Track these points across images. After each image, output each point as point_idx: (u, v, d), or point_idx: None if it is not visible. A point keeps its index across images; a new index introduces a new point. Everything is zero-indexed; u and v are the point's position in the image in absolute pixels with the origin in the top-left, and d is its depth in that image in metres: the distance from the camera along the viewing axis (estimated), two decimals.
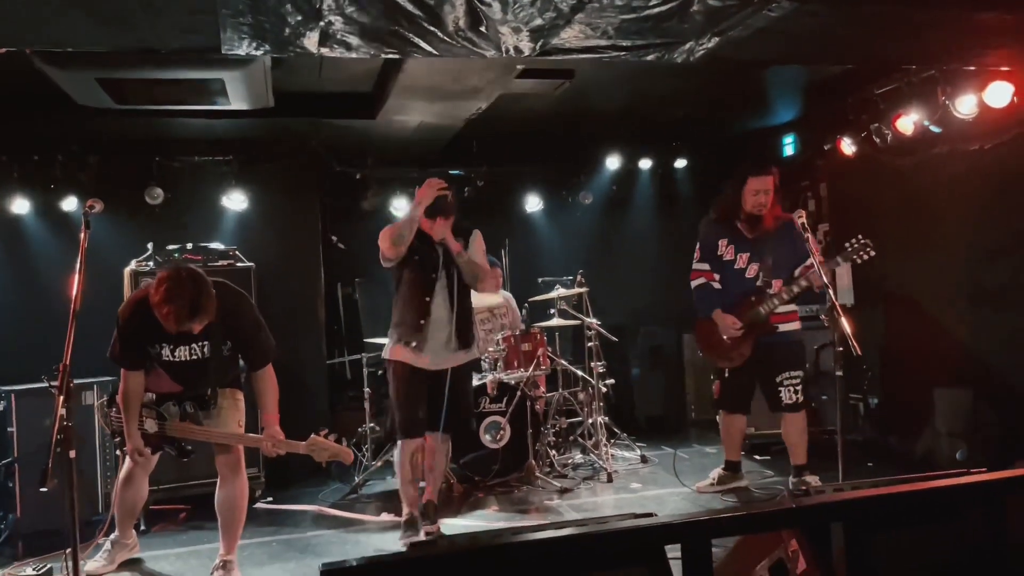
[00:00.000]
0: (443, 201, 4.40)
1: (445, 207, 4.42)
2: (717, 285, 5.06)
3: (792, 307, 4.97)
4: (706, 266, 5.11)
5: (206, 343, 3.87)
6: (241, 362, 4.13)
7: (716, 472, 5.30)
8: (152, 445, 3.96)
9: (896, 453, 5.94)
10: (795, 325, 5.02)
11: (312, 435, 3.90)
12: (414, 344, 4.40)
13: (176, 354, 3.87)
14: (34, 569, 4.12)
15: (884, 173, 6.10)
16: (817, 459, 4.97)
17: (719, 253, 5.05)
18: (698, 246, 5.18)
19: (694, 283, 5.14)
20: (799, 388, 4.90)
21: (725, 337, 4.97)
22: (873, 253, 4.60)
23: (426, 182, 4.37)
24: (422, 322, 4.40)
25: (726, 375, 5.09)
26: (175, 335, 3.77)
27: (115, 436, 4.11)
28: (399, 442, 4.49)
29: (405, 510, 4.53)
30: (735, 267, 5.00)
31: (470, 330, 4.60)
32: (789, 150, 7.12)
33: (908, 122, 5.45)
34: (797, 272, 4.83)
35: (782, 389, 4.89)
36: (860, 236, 4.63)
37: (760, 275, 4.93)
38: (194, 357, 3.88)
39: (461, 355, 4.54)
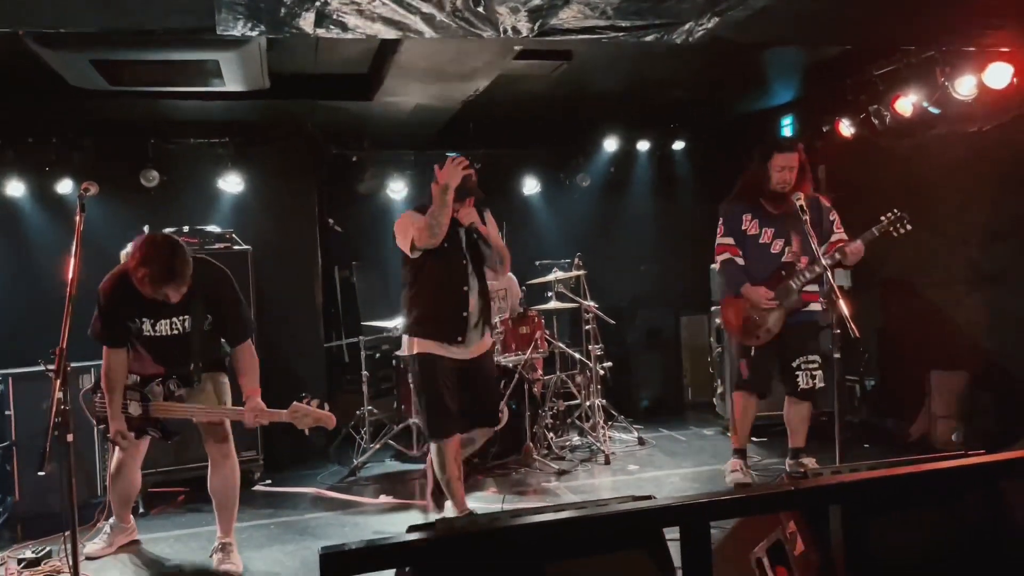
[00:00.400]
0: (469, 181, 4.04)
1: (473, 188, 4.09)
2: (741, 261, 4.86)
3: (814, 287, 4.79)
4: (731, 240, 4.89)
5: (187, 317, 3.85)
6: (225, 347, 4.11)
7: (738, 465, 5.02)
8: (136, 428, 3.93)
9: (892, 435, 5.97)
10: (818, 305, 4.83)
11: (294, 402, 3.86)
12: (460, 339, 4.07)
13: (157, 328, 3.86)
14: (33, 552, 4.13)
15: (883, 155, 6.09)
16: (814, 441, 4.98)
17: (743, 228, 4.85)
18: (721, 221, 4.97)
19: (720, 258, 4.94)
20: (816, 373, 4.75)
21: (755, 313, 4.74)
22: (910, 227, 4.44)
23: (448, 161, 3.93)
24: (464, 314, 4.08)
25: (752, 353, 4.86)
26: (156, 309, 3.79)
27: (99, 423, 4.07)
28: (440, 443, 4.14)
29: (456, 510, 4.30)
30: (760, 242, 4.83)
31: (491, 313, 4.43)
32: (787, 132, 7.09)
33: (907, 103, 5.42)
34: (824, 249, 4.58)
35: (800, 373, 4.74)
36: (896, 209, 4.47)
37: (785, 251, 4.78)
38: (175, 332, 3.87)
39: (487, 339, 4.31)
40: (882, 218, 4.51)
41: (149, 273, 3.56)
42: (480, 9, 3.38)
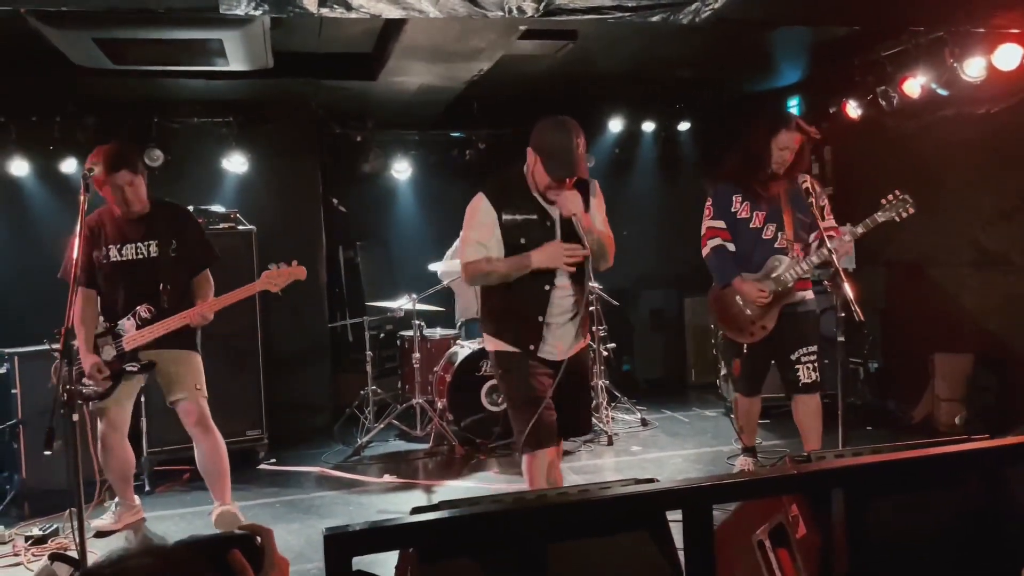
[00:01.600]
0: (573, 155, 3.19)
1: (579, 162, 3.23)
2: (732, 247, 4.44)
3: (808, 274, 4.38)
4: (721, 223, 4.44)
5: (152, 242, 3.97)
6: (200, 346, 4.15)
7: (748, 462, 4.80)
8: (114, 371, 3.93)
9: (895, 417, 5.98)
10: (811, 293, 4.48)
11: (265, 274, 3.97)
12: (532, 348, 3.31)
13: (123, 252, 3.97)
14: (40, 529, 4.18)
15: (890, 136, 6.05)
16: None
17: (733, 210, 4.42)
18: (709, 202, 4.53)
19: (709, 243, 4.47)
20: (816, 365, 4.36)
21: (748, 308, 4.34)
22: (913, 210, 4.09)
23: (556, 245, 3.23)
24: (540, 319, 3.29)
25: (744, 351, 4.45)
26: (121, 235, 3.95)
27: (63, 391, 3.57)
28: (533, 454, 3.38)
29: None
30: (751, 226, 4.39)
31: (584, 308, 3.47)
32: (794, 112, 7.05)
33: (915, 85, 5.38)
34: (814, 236, 4.29)
35: (800, 367, 4.31)
36: (898, 191, 4.13)
37: (779, 236, 4.37)
38: (140, 256, 3.97)
39: (582, 340, 3.52)
40: (883, 202, 4.12)
41: (103, 151, 3.79)
42: None
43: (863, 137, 6.24)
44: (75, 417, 3.19)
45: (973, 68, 4.96)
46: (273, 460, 5.66)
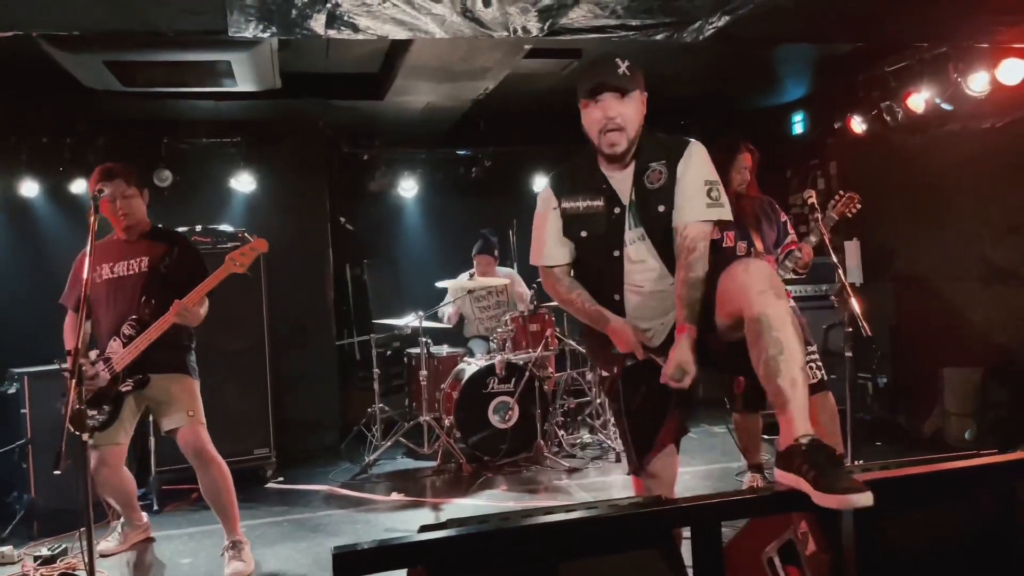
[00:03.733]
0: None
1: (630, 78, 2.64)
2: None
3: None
4: None
5: (144, 259, 3.96)
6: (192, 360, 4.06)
7: (757, 479, 4.76)
8: (113, 395, 3.86)
9: (905, 432, 5.94)
10: (792, 301, 4.63)
11: (227, 256, 3.82)
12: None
13: (115, 269, 3.98)
14: (49, 549, 4.17)
15: (894, 151, 6.06)
16: None
17: None
18: None
19: None
20: (818, 363, 4.33)
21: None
22: (859, 206, 4.43)
23: (630, 330, 2.64)
24: (617, 297, 2.70)
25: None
26: (117, 253, 3.97)
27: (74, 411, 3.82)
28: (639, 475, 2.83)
29: None
30: (723, 246, 4.42)
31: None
32: (799, 128, 7.07)
33: (919, 100, 5.39)
34: (782, 249, 4.50)
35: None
36: (841, 191, 4.47)
37: (751, 252, 4.50)
38: (131, 272, 3.96)
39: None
40: (830, 203, 4.48)
41: (96, 173, 3.85)
42: (491, 9, 3.38)
43: (868, 152, 6.24)
44: (84, 437, 3.20)
45: (977, 83, 4.98)
46: (281, 478, 5.66)
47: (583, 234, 2.71)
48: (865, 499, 1.88)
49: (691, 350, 2.46)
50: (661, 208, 2.60)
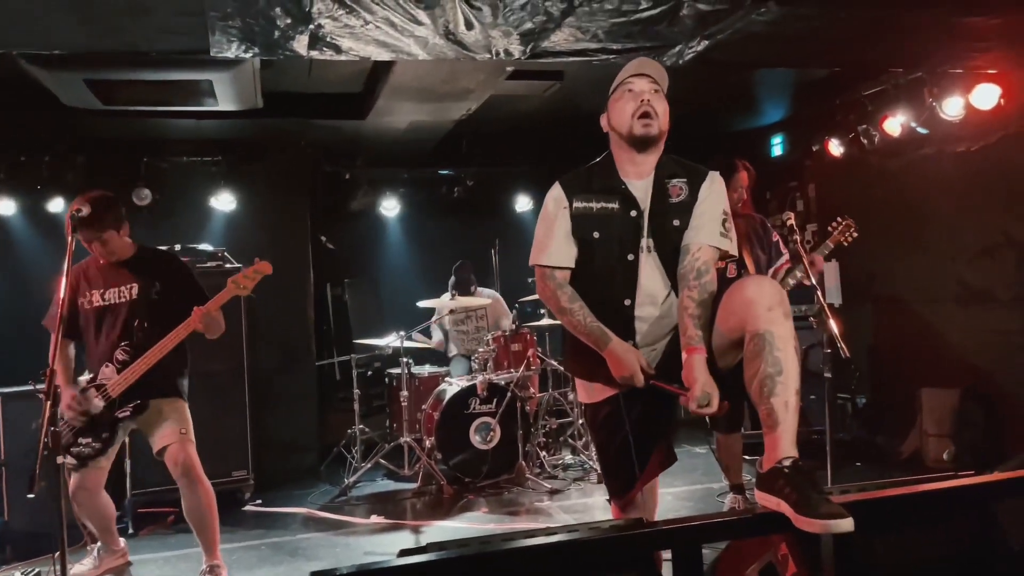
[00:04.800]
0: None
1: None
2: None
3: None
4: None
5: (134, 285, 3.90)
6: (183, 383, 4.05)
7: (738, 500, 4.74)
8: (107, 423, 3.83)
9: (883, 453, 5.97)
10: None
11: (229, 279, 3.86)
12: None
13: (105, 296, 3.92)
14: (22, 573, 4.10)
15: (872, 174, 6.14)
16: (805, 459, 4.95)
17: None
18: None
19: None
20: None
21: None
22: (856, 234, 4.50)
23: (630, 356, 2.49)
24: (628, 302, 2.62)
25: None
26: (105, 279, 3.90)
27: (48, 433, 3.82)
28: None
29: None
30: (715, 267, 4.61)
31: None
32: (778, 150, 7.15)
33: (895, 124, 5.48)
34: (774, 269, 4.50)
35: None
36: (840, 217, 4.53)
37: (741, 273, 4.46)
38: (122, 299, 3.91)
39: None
40: (829, 228, 4.53)
41: (67, 226, 3.64)
42: (473, 32, 3.41)
43: (846, 175, 6.33)
44: (60, 459, 3.15)
45: (952, 107, 5.07)
46: (259, 501, 5.59)
47: (596, 235, 2.62)
48: (846, 524, 1.89)
49: (707, 372, 2.38)
50: (676, 222, 2.58)
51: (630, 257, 2.58)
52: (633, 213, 2.61)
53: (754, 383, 2.22)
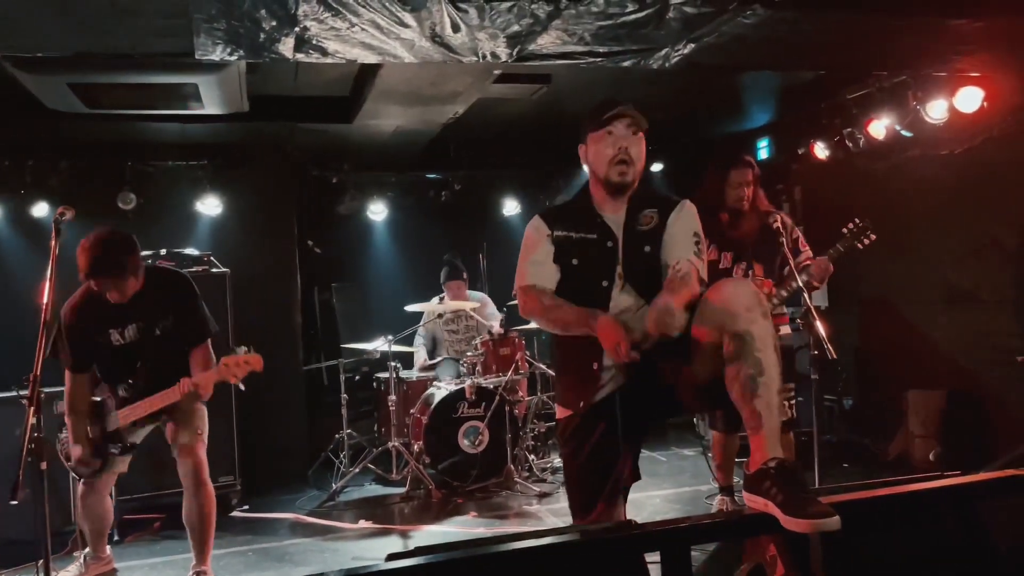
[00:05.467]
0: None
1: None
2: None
3: (782, 309, 4.51)
4: None
5: (141, 323, 3.85)
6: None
7: (726, 502, 4.73)
8: (97, 447, 3.86)
9: (870, 454, 6.00)
10: (787, 328, 4.50)
11: (222, 359, 3.80)
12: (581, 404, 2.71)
13: (125, 335, 3.86)
14: None
15: (857, 177, 6.17)
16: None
17: None
18: None
19: None
20: (792, 403, 4.33)
21: None
22: (874, 236, 4.29)
23: (614, 327, 2.47)
24: (595, 366, 2.66)
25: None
26: (120, 316, 3.80)
27: (69, 460, 3.98)
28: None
29: None
30: (720, 268, 4.41)
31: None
32: (763, 153, 7.17)
33: (880, 127, 5.51)
34: (787, 270, 4.36)
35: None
36: (858, 219, 4.34)
37: (749, 276, 4.40)
38: (139, 337, 3.87)
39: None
40: (844, 231, 4.38)
41: (83, 268, 3.61)
42: (460, 35, 3.40)
43: (832, 177, 6.36)
44: (43, 466, 3.12)
45: (936, 110, 5.11)
46: (246, 507, 5.55)
47: (575, 262, 2.73)
48: (833, 523, 1.89)
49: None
50: (647, 248, 2.68)
51: (604, 283, 2.68)
52: (609, 243, 2.71)
53: (735, 385, 2.23)
